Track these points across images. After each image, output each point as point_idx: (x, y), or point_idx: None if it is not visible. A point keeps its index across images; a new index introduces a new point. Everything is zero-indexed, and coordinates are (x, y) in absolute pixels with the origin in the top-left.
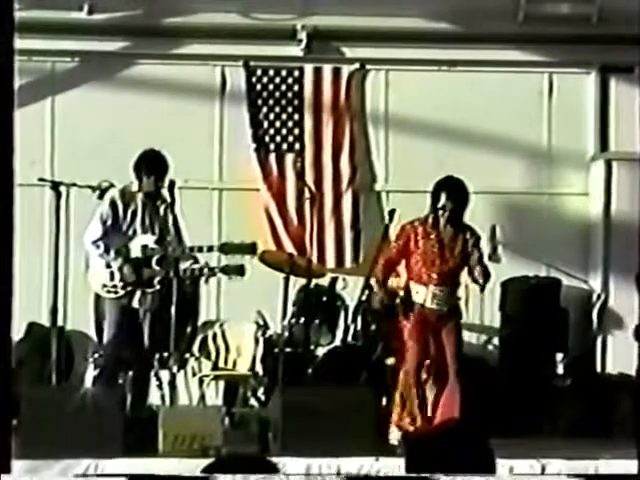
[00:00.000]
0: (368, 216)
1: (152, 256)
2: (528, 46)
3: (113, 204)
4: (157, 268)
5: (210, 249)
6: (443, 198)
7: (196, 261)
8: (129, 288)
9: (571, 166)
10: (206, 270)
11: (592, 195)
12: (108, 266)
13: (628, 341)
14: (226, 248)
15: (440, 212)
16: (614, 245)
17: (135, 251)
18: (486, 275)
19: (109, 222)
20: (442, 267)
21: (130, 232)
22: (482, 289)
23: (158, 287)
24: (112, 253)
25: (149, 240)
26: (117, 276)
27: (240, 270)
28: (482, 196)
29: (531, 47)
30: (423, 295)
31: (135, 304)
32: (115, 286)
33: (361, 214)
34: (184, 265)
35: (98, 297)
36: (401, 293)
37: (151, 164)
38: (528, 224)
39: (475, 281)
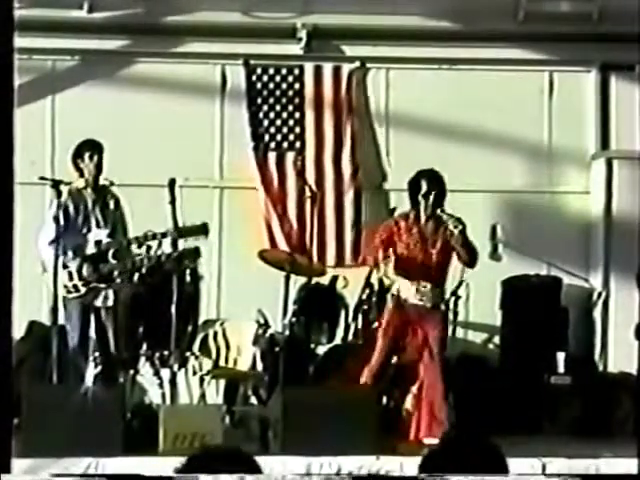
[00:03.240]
0: (369, 214)
1: (107, 250)
2: (529, 44)
3: (63, 205)
4: (114, 262)
5: (164, 235)
6: (424, 186)
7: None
8: (90, 285)
9: (572, 164)
10: (163, 257)
11: (593, 194)
12: (65, 266)
13: (629, 340)
14: (180, 232)
15: (422, 202)
16: (615, 244)
17: (90, 247)
18: (472, 254)
19: (62, 222)
20: (425, 262)
21: (84, 230)
22: (470, 266)
23: (118, 281)
24: (69, 253)
25: (102, 234)
26: (76, 275)
27: (196, 252)
28: (483, 194)
29: (532, 45)
30: (405, 290)
31: (98, 302)
32: (75, 285)
33: (362, 213)
34: (140, 255)
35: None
36: (387, 281)
37: (88, 151)
38: (529, 223)
39: (464, 263)
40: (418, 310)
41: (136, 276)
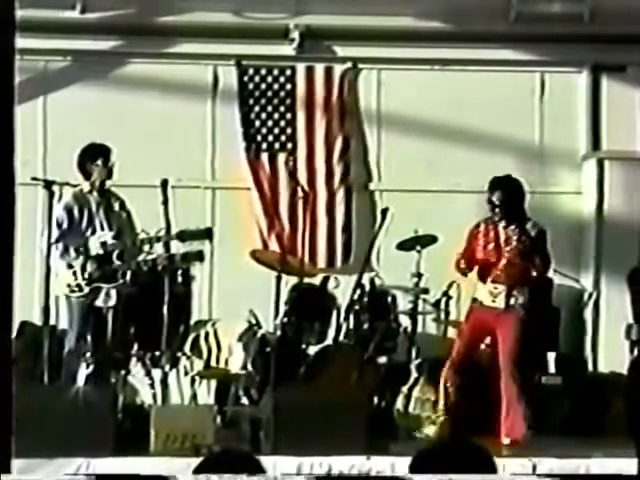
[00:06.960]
0: (360, 215)
1: (112, 251)
2: (520, 45)
3: (68, 208)
4: (118, 262)
5: (169, 238)
6: (495, 198)
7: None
8: (94, 285)
9: (563, 165)
10: (166, 259)
11: (584, 194)
12: (70, 266)
13: (619, 340)
14: (183, 235)
15: (495, 211)
16: (606, 244)
17: (94, 248)
18: (545, 262)
19: (65, 225)
20: (499, 265)
21: (88, 233)
22: (543, 273)
23: (122, 281)
24: (72, 252)
25: (107, 236)
26: (80, 274)
27: (199, 256)
28: (474, 195)
29: (523, 46)
30: (481, 292)
31: (99, 302)
32: (79, 285)
33: (353, 213)
34: (143, 256)
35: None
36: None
37: (100, 155)
38: None
39: (536, 270)
40: (493, 311)
41: (128, 276)
